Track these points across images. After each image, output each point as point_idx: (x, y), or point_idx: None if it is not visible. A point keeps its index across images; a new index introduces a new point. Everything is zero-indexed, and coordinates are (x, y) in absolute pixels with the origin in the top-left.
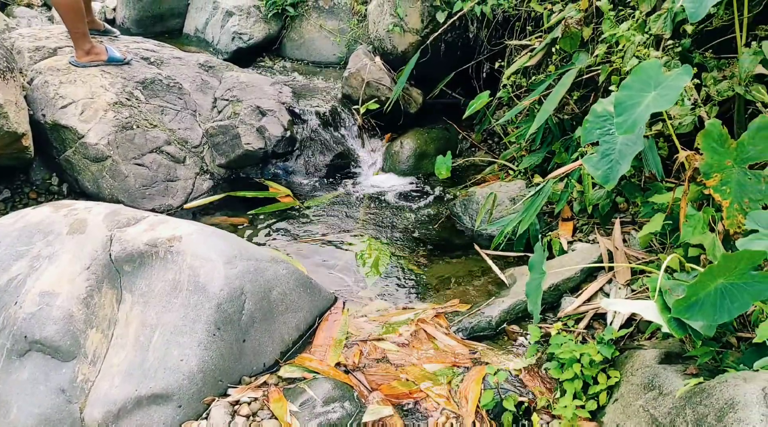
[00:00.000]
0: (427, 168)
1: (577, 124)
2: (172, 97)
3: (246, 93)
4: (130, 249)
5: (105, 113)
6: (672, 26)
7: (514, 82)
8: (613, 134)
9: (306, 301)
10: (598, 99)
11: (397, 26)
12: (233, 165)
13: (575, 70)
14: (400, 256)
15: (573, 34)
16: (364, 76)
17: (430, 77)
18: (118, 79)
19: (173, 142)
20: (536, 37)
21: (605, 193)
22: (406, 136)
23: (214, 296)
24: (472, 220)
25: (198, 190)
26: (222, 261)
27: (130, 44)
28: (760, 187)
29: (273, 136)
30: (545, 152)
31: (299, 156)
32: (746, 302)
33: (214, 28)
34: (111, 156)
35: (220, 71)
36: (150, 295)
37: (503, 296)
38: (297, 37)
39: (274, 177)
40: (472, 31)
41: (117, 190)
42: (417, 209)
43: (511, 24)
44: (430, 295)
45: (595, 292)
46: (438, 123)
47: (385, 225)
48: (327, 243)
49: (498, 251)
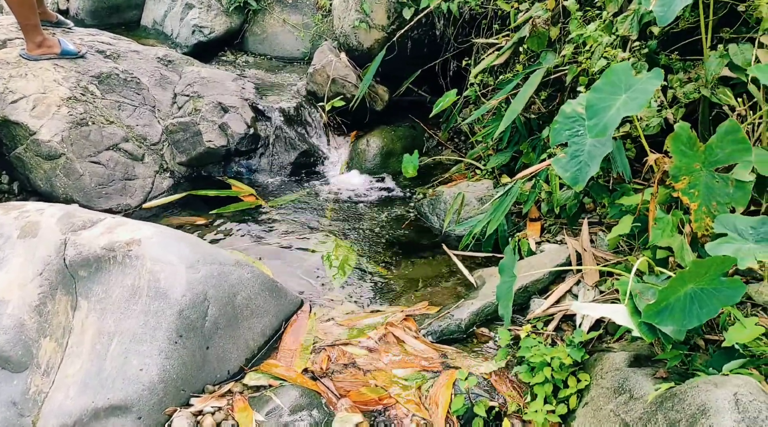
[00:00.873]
0: (394, 167)
1: (543, 124)
2: (130, 93)
3: (207, 89)
4: (85, 253)
5: (58, 109)
6: (639, 28)
7: (482, 80)
8: (582, 136)
9: (272, 305)
10: (566, 99)
11: (363, 22)
12: (194, 163)
13: (543, 69)
14: (368, 257)
15: (540, 33)
16: (329, 72)
17: (397, 75)
18: (72, 73)
19: (131, 140)
20: (503, 35)
21: (573, 194)
22: (372, 135)
23: (176, 302)
24: (440, 220)
25: (157, 189)
26: (184, 265)
27: (85, 37)
28: (728, 191)
29: (236, 134)
30: (512, 152)
31: (263, 154)
32: (715, 308)
33: (173, 20)
34: (65, 153)
35: (180, 66)
36: (107, 301)
37: (472, 298)
38: (260, 31)
39: (237, 176)
40: (439, 29)
41: (71, 190)
42: (384, 209)
43: (478, 22)
44: (399, 297)
45: (563, 293)
46: (404, 121)
47: (352, 225)
48: (292, 244)
49: (466, 252)
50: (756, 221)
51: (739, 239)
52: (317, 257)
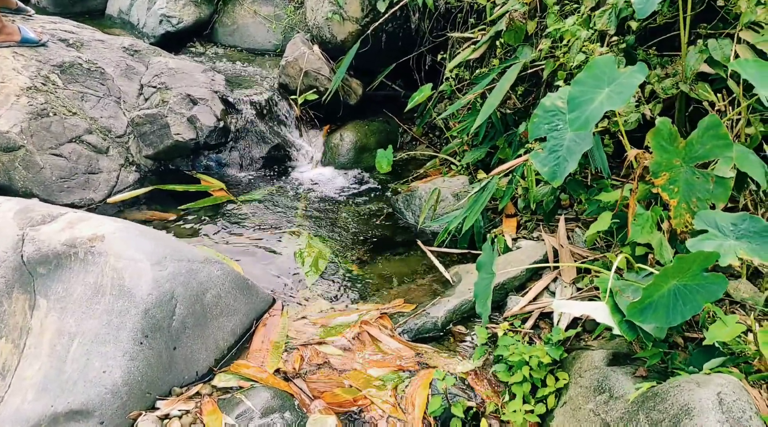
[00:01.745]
0: (368, 162)
1: (519, 119)
2: (94, 83)
3: (175, 80)
4: (45, 250)
5: (17, 99)
6: (616, 22)
7: (457, 75)
8: (561, 130)
9: (242, 303)
10: (543, 94)
11: (337, 14)
12: (162, 156)
13: (520, 64)
14: (341, 253)
15: (517, 27)
16: (302, 65)
17: (370, 68)
18: (33, 61)
19: (95, 132)
20: (479, 30)
21: (550, 190)
22: (346, 129)
23: (141, 300)
24: (415, 216)
25: (123, 183)
26: (150, 262)
27: (47, 25)
28: (708, 187)
29: (205, 127)
30: (488, 147)
31: (233, 148)
32: (698, 304)
33: (139, 9)
34: (24, 145)
35: (147, 56)
36: (68, 300)
37: (448, 295)
38: (230, 22)
39: (207, 170)
40: (414, 22)
41: (31, 183)
42: (358, 205)
43: (454, 15)
44: (373, 294)
45: (540, 291)
46: (378, 115)
47: (325, 221)
48: (263, 240)
49: (442, 248)
50: (736, 217)
51: (720, 235)
52: (289, 253)
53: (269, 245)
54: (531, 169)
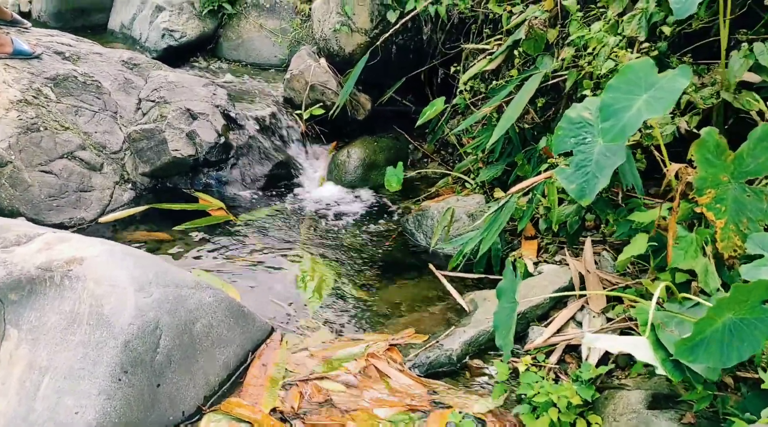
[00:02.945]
0: (377, 180)
1: (538, 134)
2: (89, 97)
3: (175, 94)
4: (17, 274)
5: (6, 113)
6: (647, 28)
7: (472, 87)
8: (590, 143)
9: (237, 333)
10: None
11: (345, 26)
12: (159, 174)
13: (540, 74)
14: (347, 278)
15: (538, 35)
16: (307, 78)
17: (379, 82)
18: (25, 74)
19: (88, 147)
20: (495, 40)
21: (574, 210)
22: (353, 145)
23: (121, 331)
24: (426, 238)
25: (117, 201)
26: (133, 288)
27: (43, 37)
28: (761, 206)
29: (205, 143)
30: (505, 164)
31: (235, 165)
32: (758, 341)
33: (142, 24)
34: (12, 161)
35: (147, 70)
36: (41, 330)
37: (464, 325)
38: (235, 36)
39: (206, 188)
40: (426, 33)
41: (18, 201)
42: (365, 225)
43: (467, 26)
44: (381, 323)
45: (566, 321)
46: (387, 131)
47: (330, 243)
48: (264, 263)
49: (456, 273)
50: None
51: None
52: (290, 277)
53: (269, 269)
54: (553, 187)
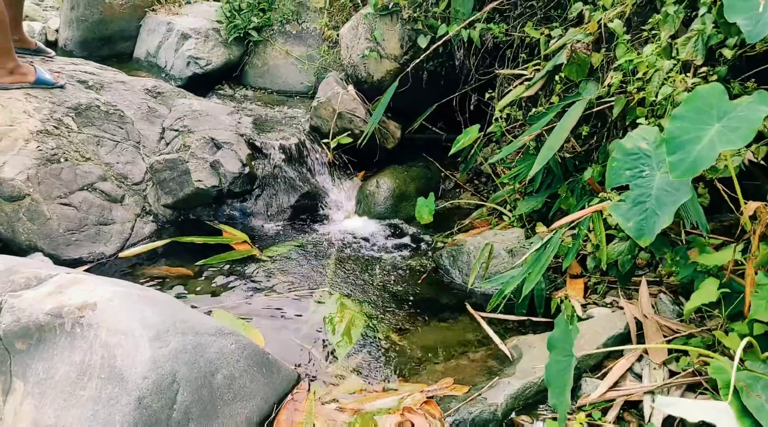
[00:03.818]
0: (407, 211)
1: (580, 164)
2: (111, 126)
3: (199, 123)
4: (25, 320)
5: (26, 144)
6: (704, 51)
7: (509, 115)
8: (648, 177)
9: (261, 384)
10: (610, 134)
11: (374, 52)
12: (182, 205)
13: (584, 101)
14: (378, 319)
15: (581, 60)
16: (335, 106)
17: (409, 110)
18: (46, 103)
19: (109, 178)
20: (533, 65)
21: (627, 248)
22: (382, 175)
23: (135, 386)
24: (462, 275)
25: (138, 234)
26: (148, 337)
27: (66, 66)
28: None
29: (229, 173)
30: (545, 196)
31: (259, 196)
32: None
33: (167, 52)
34: (30, 194)
35: (171, 98)
36: (49, 383)
37: (508, 374)
38: (260, 63)
39: (230, 220)
40: (459, 58)
41: (36, 236)
42: (396, 260)
43: (502, 51)
44: (416, 371)
45: (623, 372)
46: (417, 160)
47: (360, 279)
48: (289, 302)
49: (496, 314)
50: None
51: None
52: (318, 318)
53: (296, 308)
54: (600, 223)
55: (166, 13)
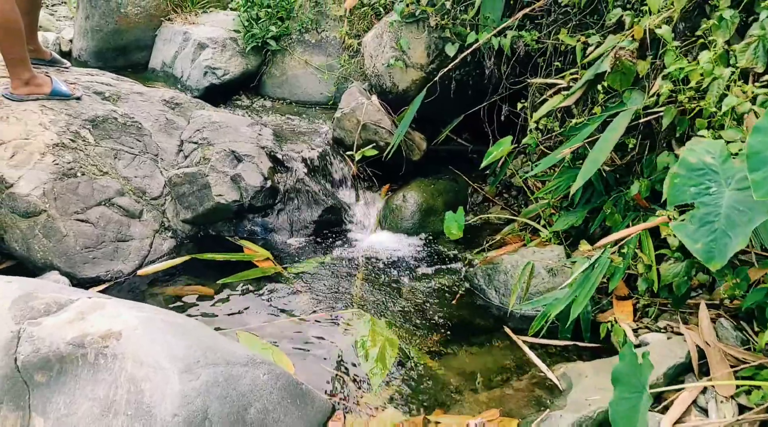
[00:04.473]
0: (435, 226)
1: (621, 178)
2: (129, 139)
3: (219, 135)
4: (45, 351)
5: (42, 157)
6: (766, 57)
7: (545, 126)
8: (715, 194)
9: (295, 417)
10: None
11: (399, 61)
12: (201, 220)
13: (629, 112)
14: (411, 342)
15: (626, 68)
16: (359, 117)
17: (434, 120)
18: (62, 116)
19: (127, 193)
20: (571, 74)
21: (683, 269)
22: (409, 189)
23: (164, 424)
24: (500, 295)
25: (156, 251)
26: (177, 370)
27: (82, 77)
28: None
29: (250, 187)
30: (585, 211)
31: (281, 210)
32: None
33: (183, 62)
34: (46, 210)
35: (189, 109)
36: (71, 420)
37: (559, 407)
38: (279, 73)
39: (251, 235)
40: (489, 67)
41: (52, 253)
42: (427, 279)
43: (534, 60)
44: (456, 400)
45: (687, 406)
46: (443, 173)
47: (389, 299)
48: (318, 324)
49: (538, 339)
50: None
51: None
52: (348, 341)
53: (324, 330)
54: (649, 242)
55: (182, 22)
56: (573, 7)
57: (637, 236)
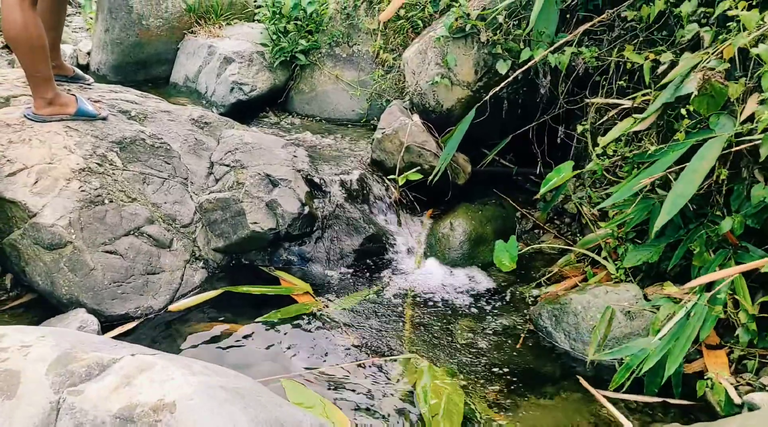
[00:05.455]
0: (485, 256)
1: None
2: (158, 162)
3: (252, 157)
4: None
5: (67, 183)
6: None
7: (615, 151)
8: None
9: None
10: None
11: (445, 78)
12: (234, 249)
13: (720, 139)
14: (473, 392)
15: (716, 91)
16: (403, 138)
17: (477, 140)
18: (88, 138)
19: (157, 221)
20: (643, 94)
21: None
22: (455, 215)
23: None
24: (569, 340)
25: (188, 284)
26: None
27: (106, 94)
28: None
29: (287, 214)
30: (663, 246)
31: (320, 239)
32: None
33: (208, 76)
34: (72, 241)
35: (218, 129)
36: None
37: None
38: (307, 88)
39: (287, 265)
40: (545, 85)
41: (78, 288)
42: (483, 317)
43: (592, 78)
44: None
45: None
46: (489, 197)
47: (443, 342)
48: (369, 370)
49: (620, 394)
50: None
51: None
52: (403, 389)
53: (378, 379)
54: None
55: (206, 35)
56: (639, 21)
57: (735, 279)
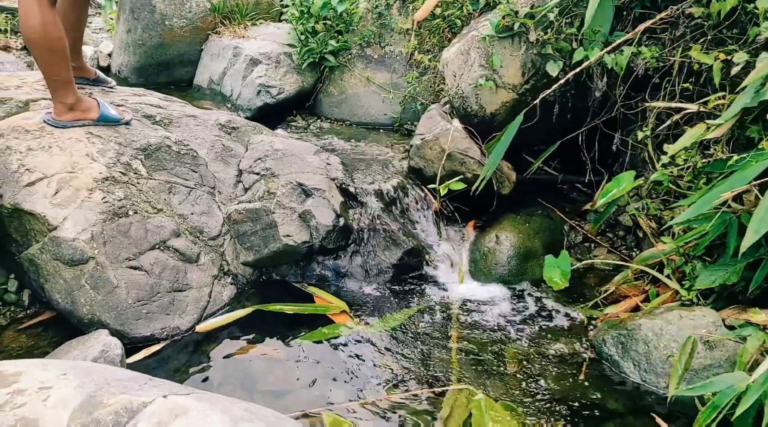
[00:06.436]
0: (534, 272)
1: None
2: (184, 170)
3: (283, 165)
4: None
5: (89, 194)
6: None
7: (686, 159)
8: None
9: None
10: None
11: (489, 80)
12: (265, 263)
13: None
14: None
15: None
16: (444, 145)
17: (520, 146)
18: (111, 144)
19: (183, 233)
20: (717, 98)
21: None
22: (501, 228)
23: None
24: (640, 371)
25: (216, 301)
26: None
27: (129, 98)
28: None
29: (321, 226)
30: (743, 266)
31: (355, 252)
32: None
33: (233, 79)
34: (95, 257)
35: (246, 134)
36: None
37: None
38: (336, 91)
39: (320, 281)
40: (600, 88)
41: (100, 308)
42: (539, 343)
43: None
44: None
45: None
46: (534, 207)
47: (496, 370)
48: (416, 401)
49: None
50: None
51: None
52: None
53: (423, 411)
54: None
55: (230, 35)
56: (707, 18)
57: None
